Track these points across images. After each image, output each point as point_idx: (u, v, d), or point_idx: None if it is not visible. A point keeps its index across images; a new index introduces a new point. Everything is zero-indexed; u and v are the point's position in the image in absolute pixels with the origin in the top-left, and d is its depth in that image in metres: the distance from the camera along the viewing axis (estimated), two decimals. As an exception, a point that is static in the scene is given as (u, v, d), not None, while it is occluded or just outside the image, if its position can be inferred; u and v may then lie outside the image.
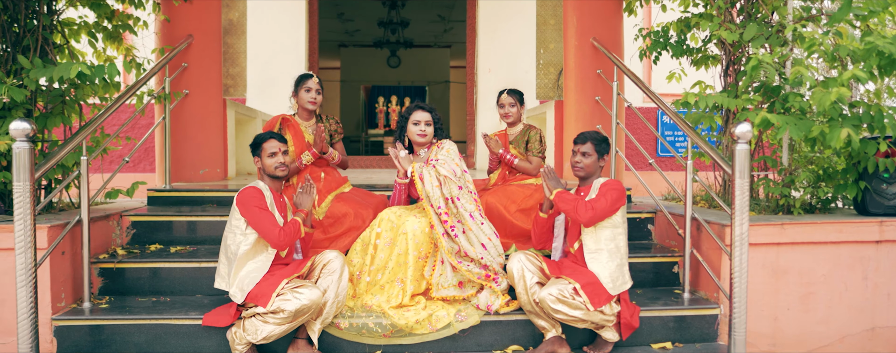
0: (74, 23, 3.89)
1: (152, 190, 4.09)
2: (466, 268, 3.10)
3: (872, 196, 3.44)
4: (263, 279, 2.88)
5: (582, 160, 3.10)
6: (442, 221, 3.12)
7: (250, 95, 7.04)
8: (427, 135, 3.36)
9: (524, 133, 3.82)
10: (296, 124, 3.62)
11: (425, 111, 3.38)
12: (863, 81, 2.95)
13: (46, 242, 2.96)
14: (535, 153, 3.77)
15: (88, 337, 2.99)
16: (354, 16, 12.10)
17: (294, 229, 2.94)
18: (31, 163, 2.60)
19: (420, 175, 3.18)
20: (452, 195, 3.15)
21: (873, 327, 3.36)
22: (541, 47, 7.38)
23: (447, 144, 3.34)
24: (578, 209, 2.92)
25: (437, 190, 3.14)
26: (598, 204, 2.93)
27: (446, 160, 3.23)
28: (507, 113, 3.79)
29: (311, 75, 3.64)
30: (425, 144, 3.41)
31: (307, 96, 3.60)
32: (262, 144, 3.08)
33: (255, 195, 2.94)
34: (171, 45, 4.40)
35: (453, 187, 3.16)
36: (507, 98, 3.79)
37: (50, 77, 3.10)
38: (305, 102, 3.61)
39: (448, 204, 3.14)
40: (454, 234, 3.10)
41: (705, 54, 4.29)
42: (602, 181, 3.09)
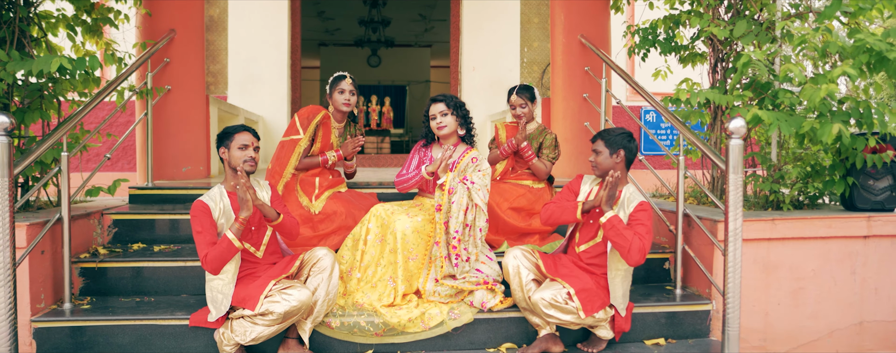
0: (52, 16, 3.77)
1: (134, 188, 3.98)
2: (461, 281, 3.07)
3: (860, 192, 3.47)
4: (251, 281, 2.81)
5: (595, 158, 2.98)
6: (451, 246, 3.04)
7: (231, 93, 6.93)
8: (446, 125, 3.23)
9: (541, 134, 3.71)
10: (329, 123, 3.55)
11: (437, 102, 3.26)
12: (853, 78, 2.97)
13: (25, 240, 2.85)
14: (549, 159, 3.68)
15: (69, 339, 2.89)
16: (335, 14, 12.01)
17: (223, 247, 2.64)
18: (10, 158, 2.49)
19: (451, 189, 3.05)
20: (474, 224, 3.09)
21: (861, 321, 3.40)
22: (525, 46, 7.37)
23: (484, 165, 3.21)
24: (632, 251, 2.71)
25: (462, 215, 3.04)
26: (646, 241, 2.74)
27: (481, 187, 3.11)
28: (520, 115, 3.66)
29: (345, 76, 3.53)
30: (449, 136, 3.29)
31: (341, 98, 3.52)
32: (234, 135, 2.82)
33: (196, 213, 2.73)
34: (152, 39, 4.29)
35: (480, 218, 3.09)
36: (517, 99, 3.65)
37: (29, 70, 3.00)
38: (339, 104, 3.53)
39: (465, 230, 3.05)
40: (455, 262, 3.04)
41: (693, 52, 4.30)
42: (633, 198, 2.92)
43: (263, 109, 6.94)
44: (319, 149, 3.52)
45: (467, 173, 3.19)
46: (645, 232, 2.78)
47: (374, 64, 14.03)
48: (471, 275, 3.10)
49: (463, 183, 3.09)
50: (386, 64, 14.59)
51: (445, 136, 3.28)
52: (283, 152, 3.43)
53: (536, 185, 3.72)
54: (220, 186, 2.91)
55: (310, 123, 3.44)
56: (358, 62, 14.57)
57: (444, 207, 3.04)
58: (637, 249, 2.71)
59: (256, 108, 6.87)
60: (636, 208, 2.89)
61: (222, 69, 6.92)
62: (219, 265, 2.68)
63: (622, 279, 2.94)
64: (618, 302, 2.92)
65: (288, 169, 3.41)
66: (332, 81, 3.56)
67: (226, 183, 2.91)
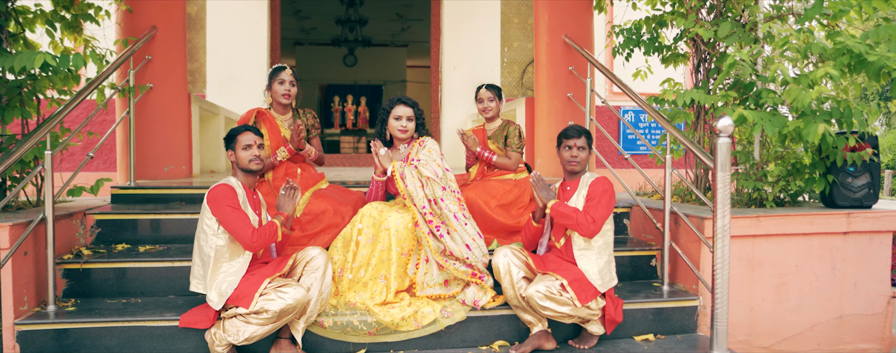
0: (30, 11, 3.68)
1: (116, 188, 3.89)
2: (453, 266, 3.06)
3: (840, 189, 3.56)
4: (244, 280, 2.77)
5: (578, 155, 3.07)
6: (427, 220, 3.06)
7: (210, 92, 6.84)
8: (408, 130, 3.29)
9: (503, 129, 3.80)
10: (271, 118, 3.52)
11: (407, 106, 3.30)
12: (835, 79, 3.05)
13: (8, 241, 2.78)
14: (515, 149, 3.76)
15: (54, 342, 2.82)
16: (311, 13, 11.92)
17: (270, 232, 2.79)
18: (-5, 157, 2.43)
19: (401, 174, 3.11)
20: (436, 196, 3.10)
21: (841, 315, 3.49)
22: (505, 46, 7.41)
23: (429, 143, 3.27)
24: (580, 224, 2.88)
25: (420, 191, 3.08)
26: (597, 214, 2.89)
27: (428, 160, 3.17)
28: (487, 108, 3.78)
29: (284, 67, 3.52)
30: (406, 139, 3.34)
31: (281, 89, 3.49)
32: (237, 136, 2.93)
33: (227, 193, 2.80)
34: (134, 36, 4.21)
35: (437, 189, 3.11)
36: (486, 93, 3.77)
37: (11, 67, 2.92)
38: (279, 95, 3.50)
39: (432, 205, 3.08)
40: (439, 234, 3.05)
41: (675, 52, 4.37)
42: (590, 178, 3.07)
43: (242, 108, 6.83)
44: (272, 147, 3.48)
45: (413, 155, 3.24)
46: (595, 204, 2.94)
47: (350, 63, 13.96)
48: (459, 265, 3.09)
49: (409, 164, 3.16)
50: (362, 63, 14.53)
51: (401, 139, 3.34)
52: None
53: (519, 176, 3.76)
54: (234, 178, 2.94)
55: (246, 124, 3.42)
56: (334, 62, 14.49)
57: (404, 192, 3.09)
58: (585, 221, 2.88)
59: (235, 106, 6.78)
60: (591, 183, 3.04)
61: (200, 67, 6.82)
62: (262, 246, 2.76)
63: (595, 258, 2.97)
64: (595, 280, 2.92)
65: None
66: (272, 73, 3.54)
67: (238, 177, 2.96)
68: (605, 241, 3.00)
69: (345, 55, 13.73)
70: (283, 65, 3.53)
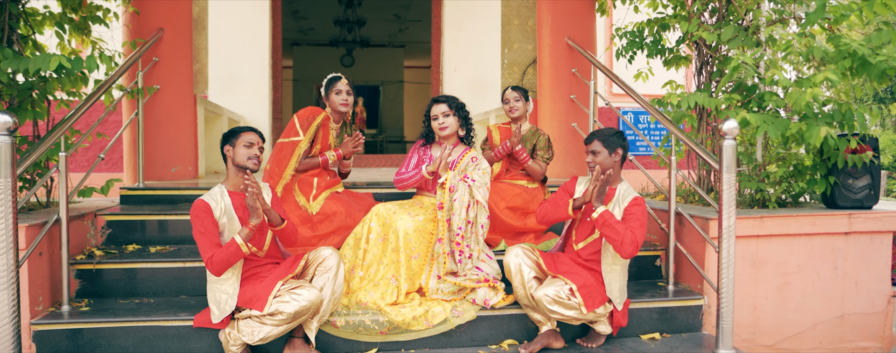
0: (39, 13, 3.70)
1: (125, 189, 3.92)
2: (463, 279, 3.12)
3: (841, 190, 3.63)
4: (257, 281, 2.80)
5: (594, 159, 3.04)
6: (455, 243, 3.09)
7: (212, 93, 6.86)
8: (448, 127, 3.30)
9: (534, 135, 3.79)
10: (329, 125, 3.55)
11: (439, 103, 3.33)
12: (836, 82, 3.11)
13: (25, 242, 2.81)
14: (543, 160, 3.75)
15: (69, 342, 2.85)
16: (309, 14, 11.94)
17: (231, 251, 2.66)
18: (13, 158, 2.46)
19: (452, 186, 3.10)
20: (476, 221, 3.14)
21: (843, 314, 3.55)
22: (505, 47, 7.46)
23: (484, 164, 3.29)
24: (625, 244, 2.80)
25: (464, 212, 3.09)
26: (638, 234, 2.82)
27: (481, 184, 3.18)
28: (513, 108, 3.74)
29: (340, 77, 3.53)
30: (450, 136, 3.36)
31: (338, 99, 3.51)
32: (241, 134, 2.87)
33: (199, 214, 2.72)
34: (141, 38, 4.23)
35: (481, 215, 3.15)
36: (512, 93, 3.76)
37: (26, 69, 2.94)
38: (337, 105, 3.52)
39: (468, 227, 3.11)
40: (459, 259, 3.10)
41: (677, 55, 4.43)
42: (628, 194, 3.01)
43: (244, 109, 6.89)
44: (318, 150, 3.52)
45: (468, 172, 3.25)
46: (638, 226, 2.87)
47: (348, 64, 13.97)
48: (472, 273, 3.15)
49: (464, 181, 3.14)
50: (359, 64, 14.55)
51: (447, 136, 3.34)
52: (282, 154, 3.41)
53: (531, 185, 3.79)
54: (221, 185, 2.90)
55: (310, 124, 3.43)
56: (331, 62, 14.49)
57: (447, 204, 3.09)
58: (629, 241, 2.81)
59: (237, 107, 6.81)
60: (631, 203, 2.98)
61: (202, 68, 6.84)
62: (224, 268, 2.68)
63: (619, 275, 3.02)
64: (615, 297, 3.00)
65: (288, 170, 3.40)
66: (328, 83, 3.55)
67: (227, 182, 2.90)
68: (627, 261, 3.04)
69: (342, 56, 13.75)
70: (339, 75, 3.54)
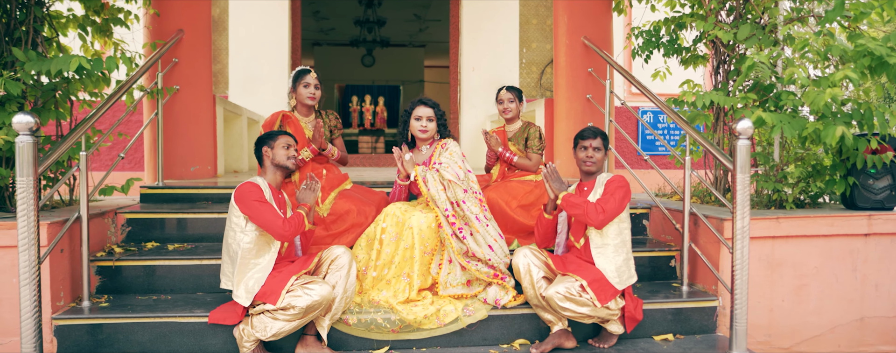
0: (62, 16, 3.79)
1: (145, 187, 4.00)
2: (475, 268, 3.12)
3: (860, 191, 3.57)
4: (271, 277, 2.85)
5: (594, 155, 3.12)
6: (450, 223, 3.13)
7: (232, 93, 6.95)
8: (429, 131, 3.36)
9: (524, 130, 3.85)
10: (296, 120, 3.59)
11: (428, 107, 3.37)
12: (855, 82, 3.06)
13: (47, 239, 2.88)
14: (535, 150, 3.81)
15: (89, 337, 2.92)
16: (330, 14, 12.02)
17: (298, 221, 2.89)
18: (35, 157, 2.53)
19: (424, 179, 3.17)
20: (458, 199, 3.16)
21: (862, 317, 3.49)
22: (523, 47, 7.44)
23: (451, 145, 3.33)
24: (589, 213, 2.93)
25: (443, 193, 3.15)
26: (608, 206, 2.94)
27: (450, 163, 3.22)
28: (507, 108, 3.83)
29: (308, 71, 3.60)
30: (427, 140, 3.40)
31: (306, 92, 3.57)
32: (278, 137, 3.09)
33: (253, 189, 2.90)
34: (161, 39, 4.31)
35: (458, 191, 3.17)
36: (507, 94, 3.83)
37: (47, 70, 3.02)
38: (304, 98, 3.58)
39: (454, 207, 3.15)
40: (462, 235, 3.11)
41: (694, 54, 4.39)
42: (606, 178, 3.12)
43: (264, 109, 6.96)
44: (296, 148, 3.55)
45: (434, 156, 3.31)
46: (608, 197, 2.98)
47: (369, 64, 14.06)
48: (481, 266, 3.14)
49: (432, 168, 3.21)
50: (380, 64, 14.62)
51: (424, 139, 3.40)
52: None
53: (539, 177, 3.81)
54: (262, 178, 3.04)
55: (271, 127, 3.49)
56: (352, 62, 14.60)
57: (426, 195, 3.16)
58: (593, 210, 2.92)
59: (257, 107, 6.89)
60: (608, 181, 3.09)
61: (223, 69, 6.94)
62: (293, 232, 2.85)
63: (612, 255, 3.01)
64: (612, 278, 2.96)
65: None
66: (296, 76, 3.60)
67: (266, 176, 3.08)
68: (622, 239, 3.04)
69: (363, 55, 13.83)
70: (308, 68, 3.61)
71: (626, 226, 3.08)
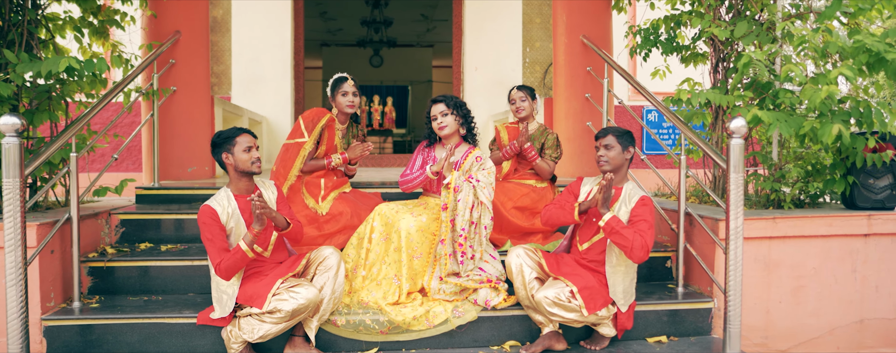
0: (59, 18, 3.81)
1: (140, 188, 4.02)
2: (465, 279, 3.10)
3: (860, 191, 3.50)
4: (258, 279, 2.84)
5: (606, 154, 2.99)
6: (457, 243, 3.07)
7: (235, 94, 6.97)
8: (446, 126, 3.26)
9: (542, 134, 3.76)
10: (334, 126, 3.56)
11: (437, 103, 3.29)
12: (851, 78, 3.00)
13: (35, 240, 2.90)
14: (552, 158, 3.71)
15: (79, 337, 2.93)
16: (337, 14, 12.04)
17: (237, 258, 2.70)
18: (21, 159, 2.54)
19: (457, 187, 3.07)
20: (481, 222, 3.11)
21: (862, 319, 3.42)
22: (527, 46, 7.40)
23: (488, 164, 3.24)
24: (635, 249, 2.72)
25: (468, 213, 3.07)
26: (647, 237, 2.75)
27: (486, 185, 3.14)
28: (520, 108, 3.72)
29: (346, 78, 3.52)
30: (451, 136, 3.32)
31: (345, 101, 3.52)
32: (235, 138, 2.82)
33: (205, 220, 2.76)
34: (158, 41, 4.33)
35: (485, 216, 3.11)
36: (518, 93, 3.73)
37: (38, 72, 3.04)
38: (344, 107, 3.53)
39: (471, 228, 3.08)
40: (461, 260, 3.08)
41: (694, 52, 4.33)
42: (634, 194, 2.96)
43: (267, 110, 6.98)
44: (324, 151, 3.53)
45: (472, 172, 3.21)
46: (647, 228, 2.80)
47: (377, 64, 14.07)
48: (474, 273, 3.13)
49: (469, 181, 3.12)
50: (388, 64, 14.63)
51: (447, 136, 3.31)
52: (288, 155, 3.43)
53: (540, 184, 3.75)
54: (227, 189, 2.91)
55: (315, 126, 3.44)
56: (360, 62, 14.62)
57: (451, 205, 3.07)
58: (639, 246, 2.73)
59: (260, 108, 6.91)
60: (637, 204, 2.92)
61: (226, 70, 6.96)
62: (232, 273, 2.73)
63: (623, 276, 2.97)
64: (618, 299, 2.95)
65: (292, 172, 3.41)
66: (334, 84, 3.55)
67: (231, 186, 2.92)
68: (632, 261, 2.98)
69: (371, 56, 13.85)
70: (345, 75, 3.54)
71: None
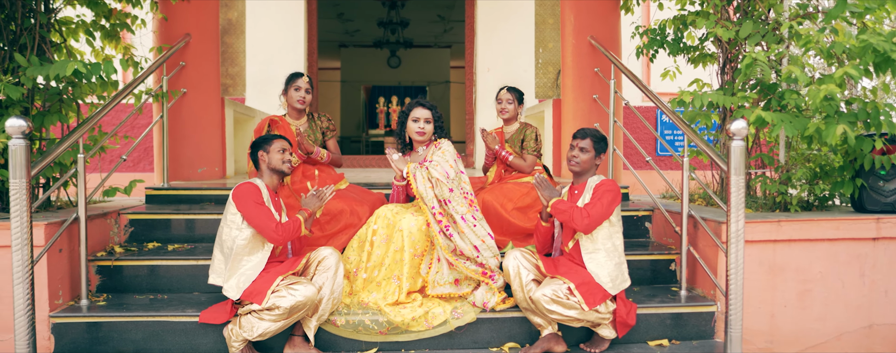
0: (72, 21, 3.89)
1: (150, 188, 4.09)
2: (463, 264, 3.10)
3: (869, 193, 3.44)
4: (258, 276, 2.88)
5: (579, 155, 3.07)
6: (437, 220, 3.12)
7: (249, 95, 7.05)
8: (426, 132, 3.34)
9: (520, 132, 3.82)
10: (286, 125, 3.63)
11: (425, 108, 3.35)
12: (856, 78, 2.95)
13: (43, 239, 2.96)
14: (531, 152, 3.77)
15: (86, 334, 3.00)
16: (354, 16, 12.10)
17: (294, 227, 2.91)
18: (28, 160, 2.60)
19: (414, 175, 3.17)
20: (444, 197, 3.14)
21: (871, 324, 3.36)
22: (539, 47, 7.38)
23: (444, 145, 3.31)
24: (575, 218, 2.90)
25: (430, 191, 3.14)
26: (593, 210, 2.90)
27: (440, 162, 3.21)
28: (504, 109, 3.81)
29: (300, 74, 3.65)
30: (424, 141, 3.39)
31: (296, 95, 3.62)
32: (273, 141, 3.10)
33: (252, 190, 2.95)
34: (168, 43, 4.40)
35: (444, 190, 3.15)
36: (506, 94, 3.80)
37: (46, 75, 3.11)
38: (294, 102, 3.64)
39: (441, 205, 3.13)
40: (449, 233, 3.10)
41: (703, 52, 4.29)
42: (596, 181, 3.07)
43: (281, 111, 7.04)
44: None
45: (428, 155, 3.30)
46: (596, 201, 2.95)
47: (394, 65, 14.12)
48: (469, 264, 3.12)
49: (421, 166, 3.20)
50: (406, 64, 14.67)
51: (421, 141, 3.38)
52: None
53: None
54: (260, 180, 3.08)
55: (261, 133, 3.52)
56: (378, 63, 14.68)
57: (417, 192, 3.15)
58: (579, 215, 2.89)
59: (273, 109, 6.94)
60: (597, 185, 3.03)
61: (240, 71, 7.05)
62: (286, 239, 2.89)
63: (604, 260, 2.96)
64: (606, 284, 2.91)
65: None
66: (288, 79, 3.66)
67: (264, 178, 3.10)
68: (613, 244, 2.98)
69: (388, 57, 13.91)
70: (300, 72, 3.67)
71: (617, 230, 3.03)
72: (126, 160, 3.83)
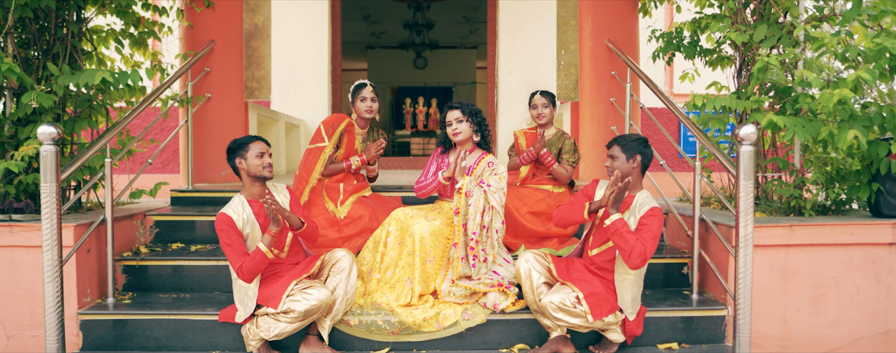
0: (102, 30, 4.06)
1: (175, 191, 4.24)
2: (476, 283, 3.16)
3: (885, 198, 3.40)
4: (273, 281, 2.98)
5: (612, 164, 3.02)
6: (469, 247, 3.13)
7: (275, 98, 7.20)
8: (461, 132, 3.36)
9: (559, 139, 3.81)
10: (353, 131, 3.71)
11: (453, 109, 3.39)
12: (870, 82, 2.93)
13: (72, 240, 3.11)
14: (569, 163, 3.76)
15: (112, 331, 3.13)
16: (380, 18, 12.24)
17: (258, 259, 2.83)
18: (57, 165, 2.75)
19: (468, 192, 3.14)
20: (492, 226, 3.17)
21: (887, 330, 3.33)
22: (561, 49, 7.38)
23: (500, 169, 3.32)
24: (632, 255, 2.75)
25: (479, 217, 3.13)
26: (648, 247, 2.77)
27: (497, 190, 3.20)
28: (541, 114, 3.79)
29: (365, 84, 3.67)
30: (465, 142, 3.41)
31: (363, 106, 3.67)
32: (249, 145, 2.98)
33: (223, 227, 2.92)
34: (193, 50, 4.55)
35: (496, 220, 3.17)
36: (541, 98, 3.80)
37: (76, 83, 3.26)
38: (362, 112, 3.68)
39: (482, 231, 3.14)
40: (473, 263, 3.14)
41: (720, 55, 4.27)
42: (645, 204, 2.96)
43: (305, 114, 7.19)
44: (343, 155, 3.67)
45: (484, 177, 3.29)
46: (650, 238, 2.81)
47: (421, 66, 14.22)
48: (487, 277, 3.19)
49: (480, 186, 3.18)
50: (432, 65, 14.75)
51: (461, 142, 3.40)
52: (310, 159, 3.59)
53: (556, 189, 3.78)
54: (240, 195, 3.08)
55: (334, 131, 3.60)
56: (404, 64, 14.79)
57: (462, 209, 3.14)
58: (638, 253, 2.75)
59: (298, 112, 7.12)
60: (646, 213, 2.92)
61: (266, 75, 7.20)
62: (253, 275, 2.88)
63: (632, 284, 2.98)
64: (626, 307, 2.96)
65: (314, 175, 3.57)
66: (354, 90, 3.70)
67: (244, 191, 3.08)
68: (643, 270, 3.00)
69: (414, 58, 14.01)
70: (365, 82, 3.69)
71: None
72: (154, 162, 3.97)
